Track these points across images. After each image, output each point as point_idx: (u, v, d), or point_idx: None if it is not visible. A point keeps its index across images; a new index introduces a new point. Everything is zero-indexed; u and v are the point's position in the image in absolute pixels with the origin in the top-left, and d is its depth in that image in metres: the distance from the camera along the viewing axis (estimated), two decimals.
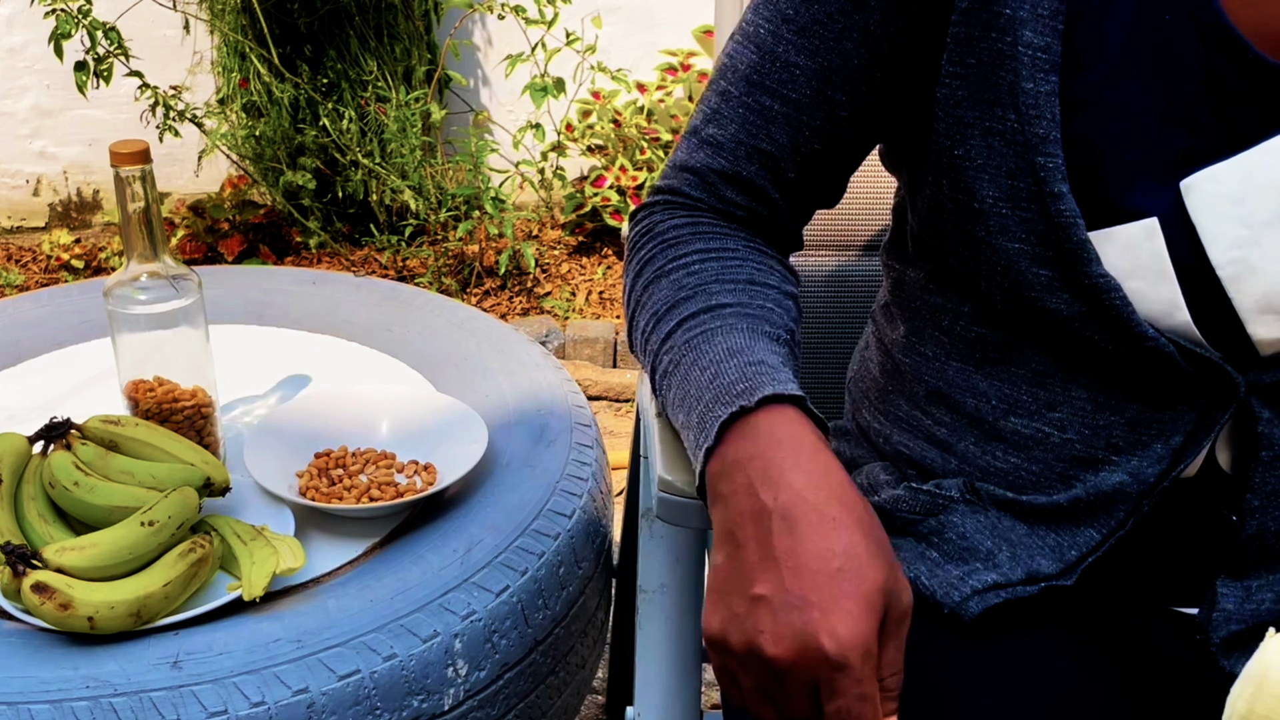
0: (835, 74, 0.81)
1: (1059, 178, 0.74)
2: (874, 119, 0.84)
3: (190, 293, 1.07)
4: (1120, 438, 0.79)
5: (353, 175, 2.91)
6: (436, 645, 0.95)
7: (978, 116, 0.76)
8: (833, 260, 1.20)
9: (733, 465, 0.71)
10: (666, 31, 3.05)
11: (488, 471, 1.14)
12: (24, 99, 3.14)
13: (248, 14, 2.82)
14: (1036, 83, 0.74)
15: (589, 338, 2.66)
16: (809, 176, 0.86)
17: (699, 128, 0.87)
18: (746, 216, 0.87)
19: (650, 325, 0.83)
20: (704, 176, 0.86)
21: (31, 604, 0.90)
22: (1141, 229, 0.74)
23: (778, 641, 0.65)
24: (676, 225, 0.86)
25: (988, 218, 0.77)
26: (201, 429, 1.11)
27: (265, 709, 0.88)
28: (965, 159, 0.77)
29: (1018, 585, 0.82)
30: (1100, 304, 0.75)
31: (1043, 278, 0.76)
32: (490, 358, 1.33)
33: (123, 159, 1.01)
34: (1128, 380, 0.78)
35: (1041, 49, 0.74)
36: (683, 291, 0.82)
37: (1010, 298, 0.78)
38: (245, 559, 0.97)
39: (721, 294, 0.81)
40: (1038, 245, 0.75)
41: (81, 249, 3.02)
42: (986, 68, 0.75)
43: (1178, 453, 0.78)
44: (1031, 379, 0.81)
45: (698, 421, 0.75)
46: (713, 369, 0.76)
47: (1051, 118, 0.74)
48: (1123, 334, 0.75)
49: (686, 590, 0.96)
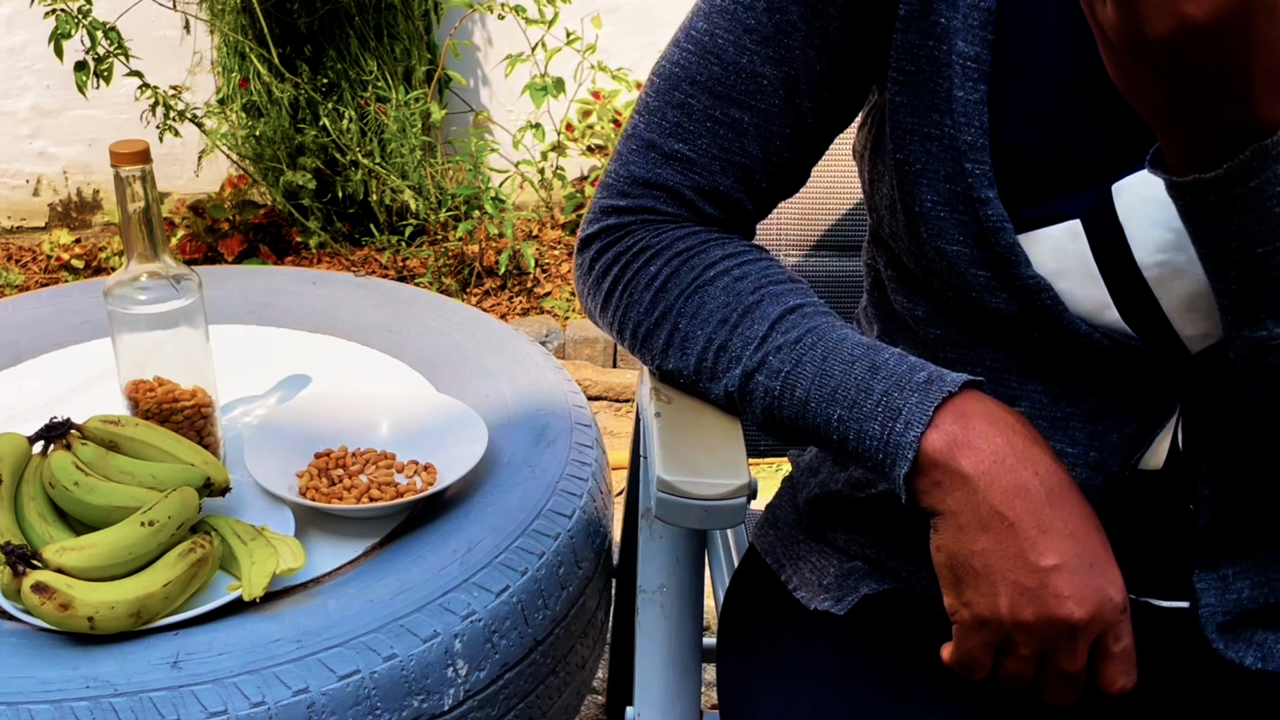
0: (801, 82, 0.82)
1: (985, 184, 0.76)
2: (837, 122, 0.86)
3: (190, 293, 1.07)
4: (1077, 428, 0.81)
5: (353, 175, 2.91)
6: (436, 645, 0.95)
7: (916, 122, 0.78)
8: (831, 260, 1.20)
9: (967, 444, 0.72)
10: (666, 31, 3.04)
11: (488, 471, 1.14)
12: (24, 99, 3.14)
13: (248, 14, 2.82)
14: (967, 91, 0.76)
15: (589, 338, 2.66)
16: (778, 181, 0.87)
17: (658, 142, 0.85)
18: (725, 224, 0.88)
19: (723, 331, 0.82)
20: (677, 193, 0.85)
21: (31, 604, 0.90)
22: (1065, 231, 0.76)
23: (1081, 602, 0.70)
24: (680, 237, 0.85)
25: (928, 220, 0.79)
26: (201, 429, 1.11)
27: (265, 709, 0.88)
28: (906, 163, 0.79)
29: None
30: (1033, 304, 0.77)
31: (981, 278, 0.78)
32: (490, 358, 1.33)
33: (123, 159, 1.01)
34: (1078, 373, 0.80)
35: (971, 58, 0.75)
36: (747, 297, 0.82)
37: (959, 296, 0.80)
38: (245, 559, 0.97)
39: (788, 296, 0.82)
40: (974, 247, 0.78)
41: (81, 249, 3.02)
42: (925, 75, 0.77)
43: (1133, 441, 0.80)
44: (990, 376, 0.82)
45: (884, 411, 0.74)
46: (862, 361, 0.77)
47: (980, 125, 0.76)
48: (1058, 332, 0.78)
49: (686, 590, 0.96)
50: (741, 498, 0.80)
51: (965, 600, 0.72)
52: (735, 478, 0.80)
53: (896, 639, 0.83)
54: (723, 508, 0.80)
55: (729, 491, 0.80)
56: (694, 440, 0.84)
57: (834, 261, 1.20)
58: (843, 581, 0.89)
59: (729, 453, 0.83)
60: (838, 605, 0.87)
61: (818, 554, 0.92)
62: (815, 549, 0.93)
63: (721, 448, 0.83)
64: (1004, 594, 0.70)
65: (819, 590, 0.89)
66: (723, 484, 0.80)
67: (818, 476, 0.95)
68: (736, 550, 1.22)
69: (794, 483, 0.99)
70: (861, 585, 0.88)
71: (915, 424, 0.73)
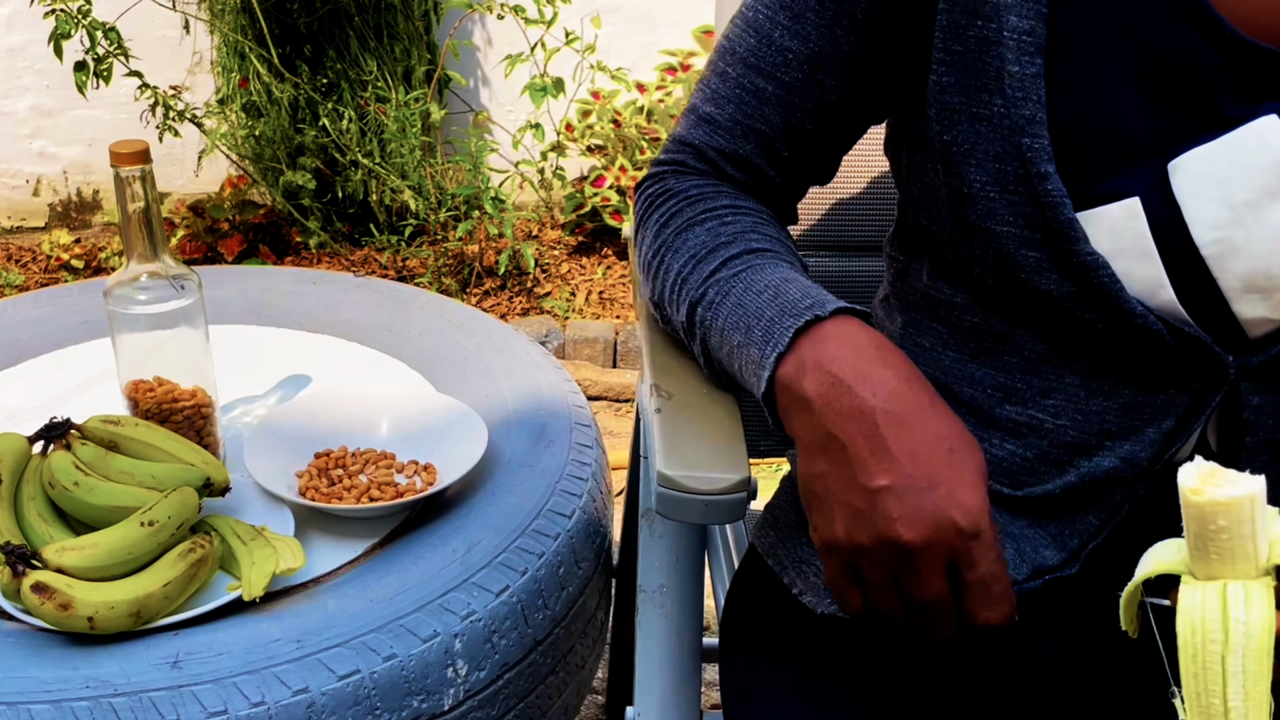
0: (825, 59, 0.84)
1: (1045, 158, 0.75)
2: (864, 103, 0.87)
3: (190, 293, 1.07)
4: (1113, 423, 0.80)
5: (352, 175, 2.91)
6: (436, 645, 0.95)
7: (964, 102, 0.78)
8: (832, 260, 1.20)
9: (813, 367, 0.72)
10: (666, 31, 3.05)
11: (488, 471, 1.14)
12: (24, 99, 3.14)
13: (247, 14, 2.82)
14: (1022, 65, 0.75)
15: (589, 338, 2.66)
16: (801, 154, 0.89)
17: (697, 106, 0.91)
18: (747, 187, 0.91)
19: (690, 266, 0.85)
20: (703, 152, 0.90)
21: (31, 604, 0.90)
22: (1123, 209, 0.75)
23: (912, 525, 0.67)
24: (699, 185, 0.90)
25: (976, 202, 0.78)
26: (201, 429, 1.11)
27: (265, 709, 0.88)
28: (954, 144, 0.79)
29: (1022, 583, 0.82)
30: (1089, 282, 0.76)
31: (1031, 259, 0.77)
32: (490, 358, 1.33)
33: (123, 159, 1.01)
34: (1119, 365, 0.79)
35: (1026, 32, 0.75)
36: (722, 237, 0.85)
37: (1003, 282, 0.79)
38: (245, 559, 0.97)
39: (760, 241, 0.84)
40: (1025, 228, 0.77)
41: (81, 249, 3.02)
42: (973, 54, 0.77)
43: (1169, 436, 0.79)
44: (1025, 367, 0.81)
45: (761, 336, 0.76)
46: (771, 291, 0.78)
47: (1037, 99, 0.75)
48: (1112, 312, 0.77)
49: (686, 590, 0.96)
50: (743, 493, 0.80)
51: (814, 525, 0.72)
52: (736, 472, 0.80)
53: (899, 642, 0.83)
54: (724, 502, 0.80)
55: (730, 486, 0.80)
56: (695, 436, 0.84)
57: (834, 261, 1.20)
58: None
59: (730, 448, 0.83)
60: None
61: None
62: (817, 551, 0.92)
63: (722, 443, 0.84)
64: (839, 517, 0.70)
65: (824, 594, 0.89)
66: (724, 479, 0.80)
67: None
68: (736, 550, 1.22)
69: (794, 481, 0.99)
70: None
71: (776, 348, 0.74)
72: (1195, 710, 0.62)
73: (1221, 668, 0.60)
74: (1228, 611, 0.61)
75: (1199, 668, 0.61)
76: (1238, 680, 0.60)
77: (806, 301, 0.76)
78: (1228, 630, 0.60)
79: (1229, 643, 0.60)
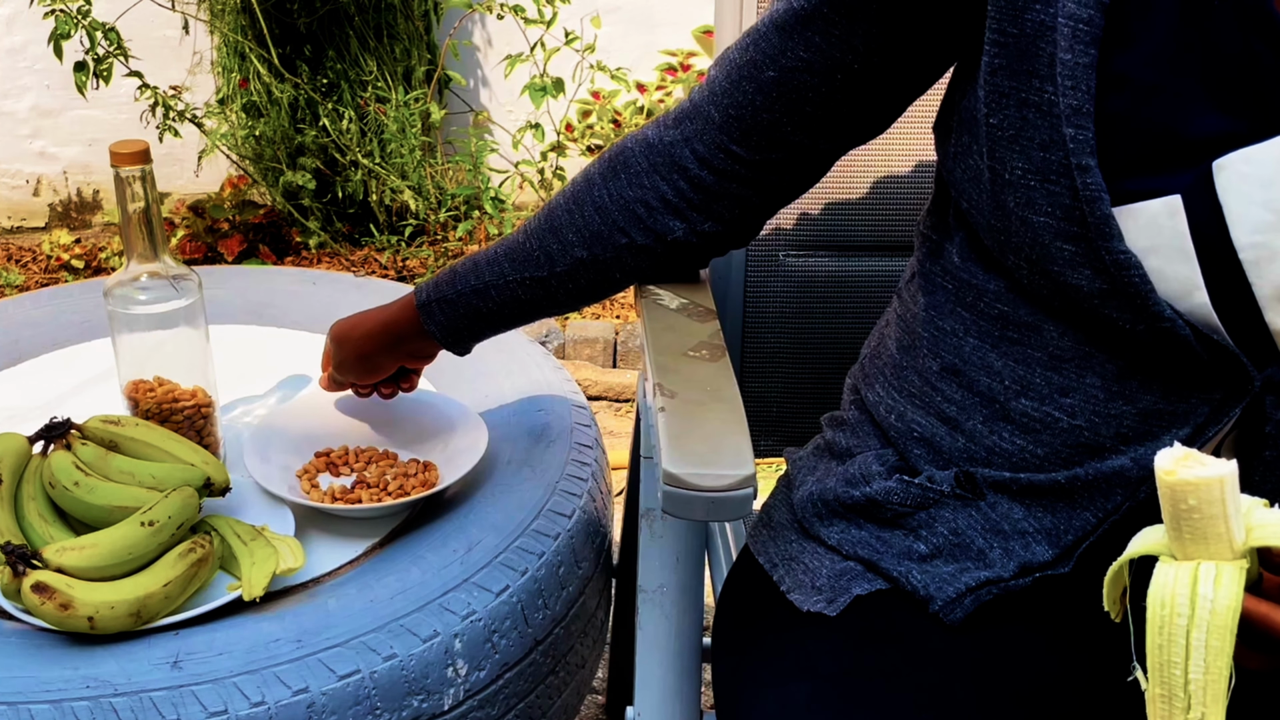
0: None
1: (1087, 151, 0.74)
2: (899, 73, 0.87)
3: (190, 293, 1.07)
4: (1130, 428, 0.79)
5: (352, 175, 2.91)
6: (436, 645, 0.95)
7: (1014, 86, 0.76)
8: (833, 260, 1.20)
9: None
10: (666, 31, 3.05)
11: (488, 471, 1.14)
12: (24, 99, 3.14)
13: (247, 14, 2.82)
14: (1075, 54, 0.74)
15: (589, 338, 2.66)
16: (835, 115, 0.90)
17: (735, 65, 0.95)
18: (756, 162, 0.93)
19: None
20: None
21: (31, 604, 0.90)
22: (1164, 206, 0.74)
23: None
24: (630, 143, 0.98)
25: (1016, 189, 0.77)
26: (201, 429, 1.11)
27: (265, 709, 0.88)
28: (999, 128, 0.77)
29: (1010, 580, 0.82)
30: (1120, 280, 0.75)
31: (1066, 252, 0.76)
32: (490, 358, 1.33)
33: (123, 159, 1.01)
34: (1143, 370, 0.78)
35: (1084, 20, 0.73)
36: (531, 223, 1.01)
37: (1036, 272, 0.78)
38: (245, 559, 0.97)
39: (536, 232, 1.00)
40: (1062, 220, 0.76)
41: (81, 249, 3.02)
42: (1028, 39, 0.75)
43: (1185, 443, 0.78)
44: (1047, 362, 0.81)
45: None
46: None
47: (1086, 90, 0.74)
48: (1140, 312, 0.75)
49: (686, 590, 0.96)
50: (748, 489, 0.80)
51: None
52: (741, 469, 0.80)
53: (888, 639, 0.83)
54: (729, 499, 0.80)
55: (735, 482, 0.80)
56: (699, 433, 0.84)
57: (834, 261, 1.20)
58: (835, 582, 0.89)
59: (734, 445, 0.83)
60: (830, 606, 0.87)
61: (810, 555, 0.92)
62: (808, 549, 0.92)
63: (727, 440, 0.83)
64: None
65: (811, 591, 0.89)
66: (729, 475, 0.80)
67: (814, 474, 0.94)
68: (736, 549, 1.22)
69: (790, 480, 0.99)
70: (854, 586, 0.88)
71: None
72: (1157, 680, 0.64)
73: (1185, 641, 0.62)
74: (1197, 588, 0.62)
75: (1164, 639, 0.63)
76: (1199, 654, 0.62)
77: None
78: (1195, 605, 0.62)
79: (1194, 617, 0.62)
